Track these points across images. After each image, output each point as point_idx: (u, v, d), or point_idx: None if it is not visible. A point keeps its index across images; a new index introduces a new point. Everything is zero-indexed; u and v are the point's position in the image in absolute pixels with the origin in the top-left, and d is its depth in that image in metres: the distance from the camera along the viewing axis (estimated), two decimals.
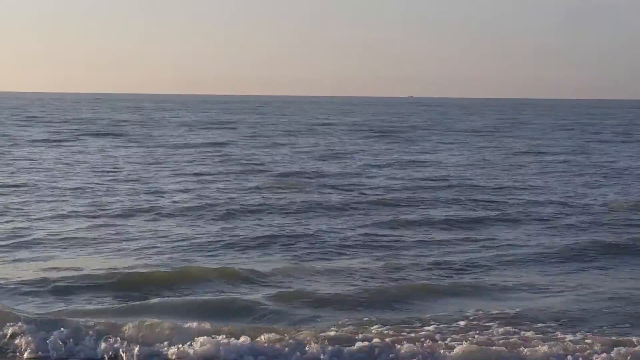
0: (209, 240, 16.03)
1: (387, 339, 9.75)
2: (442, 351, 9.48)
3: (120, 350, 9.52)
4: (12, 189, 23.07)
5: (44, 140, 43.82)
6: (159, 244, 15.59)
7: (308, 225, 17.86)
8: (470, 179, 27.09)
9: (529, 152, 40.11)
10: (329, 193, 23.16)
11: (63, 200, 20.93)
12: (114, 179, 25.89)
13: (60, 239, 15.92)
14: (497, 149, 42.04)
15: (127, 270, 13.25)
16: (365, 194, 22.93)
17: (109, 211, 19.28)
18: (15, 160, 32.08)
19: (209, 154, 36.26)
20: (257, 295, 12.05)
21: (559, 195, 23.31)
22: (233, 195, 22.10)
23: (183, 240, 15.99)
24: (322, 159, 34.45)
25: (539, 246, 15.79)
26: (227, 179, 26.42)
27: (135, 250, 15.10)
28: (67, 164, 31.10)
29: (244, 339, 9.65)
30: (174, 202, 20.89)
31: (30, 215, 18.60)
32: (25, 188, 23.23)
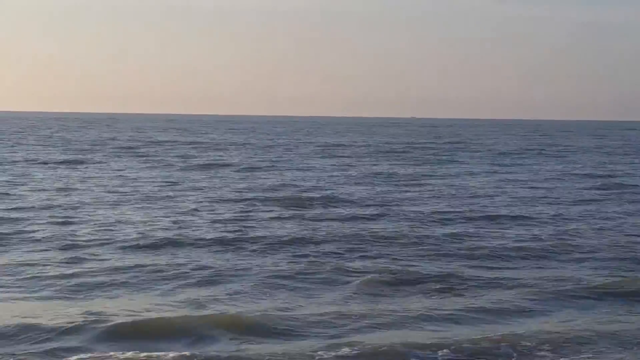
0: (239, 276, 14.62)
1: None
2: None
3: None
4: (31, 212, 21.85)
5: (65, 162, 42.57)
6: (179, 282, 14.17)
7: (342, 258, 16.46)
8: (521, 207, 25.57)
9: (566, 174, 38.52)
10: (360, 221, 21.79)
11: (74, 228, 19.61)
12: (144, 204, 24.69)
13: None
14: (528, 172, 40.49)
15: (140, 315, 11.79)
16: (398, 222, 21.54)
17: (130, 241, 17.95)
18: (37, 182, 31.10)
19: (240, 178, 34.84)
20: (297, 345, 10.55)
21: (609, 223, 21.87)
22: (265, 224, 20.77)
23: (206, 275, 14.58)
24: (352, 183, 33.02)
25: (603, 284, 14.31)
26: (255, 205, 24.90)
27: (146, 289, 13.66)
28: (84, 180, 30.43)
29: None
30: (210, 231, 19.53)
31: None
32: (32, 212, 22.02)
